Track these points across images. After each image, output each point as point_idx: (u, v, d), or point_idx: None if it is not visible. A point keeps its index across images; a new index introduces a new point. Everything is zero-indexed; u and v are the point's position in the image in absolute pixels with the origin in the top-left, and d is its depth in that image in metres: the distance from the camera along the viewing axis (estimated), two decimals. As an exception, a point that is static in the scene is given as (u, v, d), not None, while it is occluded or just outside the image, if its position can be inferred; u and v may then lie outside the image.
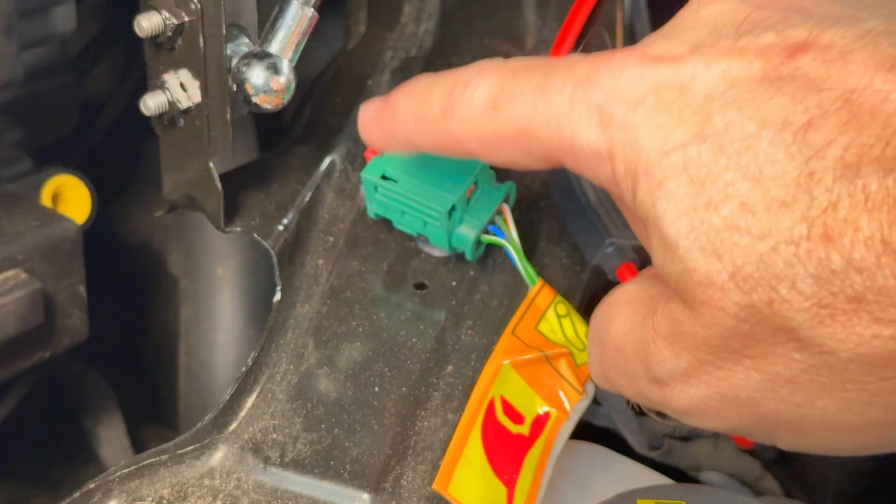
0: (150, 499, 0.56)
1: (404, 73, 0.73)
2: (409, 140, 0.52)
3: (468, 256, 0.62)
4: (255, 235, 0.64)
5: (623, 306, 0.47)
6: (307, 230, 0.65)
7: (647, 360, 0.44)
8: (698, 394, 0.44)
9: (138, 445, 0.87)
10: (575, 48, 0.72)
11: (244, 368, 0.60)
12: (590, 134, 0.44)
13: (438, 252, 0.64)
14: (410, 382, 0.59)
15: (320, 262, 0.64)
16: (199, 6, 0.58)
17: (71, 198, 0.73)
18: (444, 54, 0.74)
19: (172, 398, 0.89)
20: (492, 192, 0.62)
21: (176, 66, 0.60)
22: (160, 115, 0.61)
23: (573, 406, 0.59)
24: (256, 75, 0.59)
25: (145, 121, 0.63)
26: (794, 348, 0.40)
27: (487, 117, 0.48)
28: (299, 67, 0.61)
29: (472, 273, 0.64)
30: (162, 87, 0.61)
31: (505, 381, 0.59)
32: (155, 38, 0.60)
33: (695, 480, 0.69)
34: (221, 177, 0.63)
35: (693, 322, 0.42)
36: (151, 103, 0.60)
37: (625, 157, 0.43)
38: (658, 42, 0.45)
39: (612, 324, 0.47)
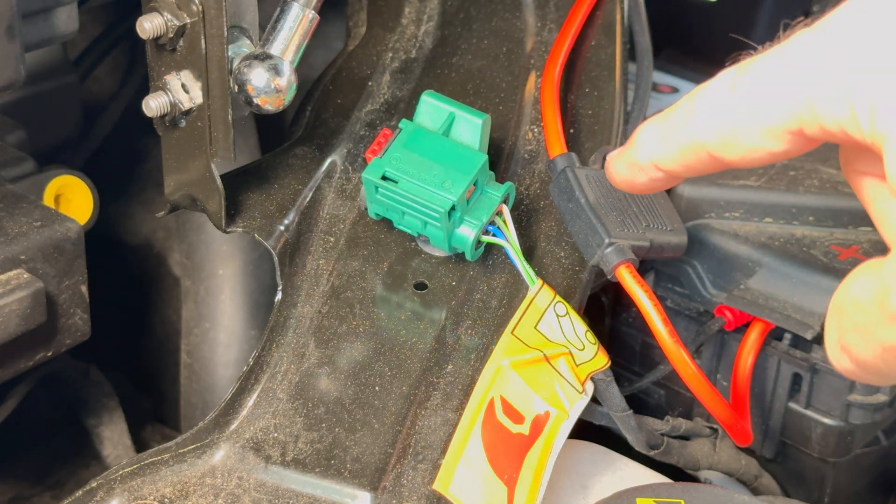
0: (152, 497, 0.56)
1: (404, 73, 0.73)
2: (652, 161, 0.51)
3: (468, 256, 0.63)
4: (256, 235, 0.64)
5: (861, 268, 0.46)
6: (308, 230, 0.65)
7: (884, 299, 0.43)
8: None
9: (140, 444, 0.88)
10: (574, 50, 0.72)
11: (245, 368, 0.60)
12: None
13: (438, 252, 0.65)
14: (411, 382, 0.59)
15: (321, 262, 0.64)
16: (200, 8, 0.58)
17: (73, 198, 0.73)
18: (444, 55, 0.74)
19: (174, 397, 0.90)
20: (491, 193, 0.63)
21: (178, 68, 0.61)
22: (162, 116, 0.61)
23: (573, 405, 0.59)
24: (258, 76, 0.59)
25: (147, 122, 0.63)
26: None
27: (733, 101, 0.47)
28: (300, 69, 0.61)
29: (472, 273, 0.64)
30: (164, 88, 0.61)
31: (505, 380, 0.59)
32: (157, 40, 0.60)
33: (693, 479, 0.70)
34: (223, 177, 0.63)
35: None
36: (153, 104, 0.61)
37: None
38: None
39: (851, 284, 0.45)
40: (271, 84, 0.59)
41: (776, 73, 0.45)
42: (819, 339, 0.68)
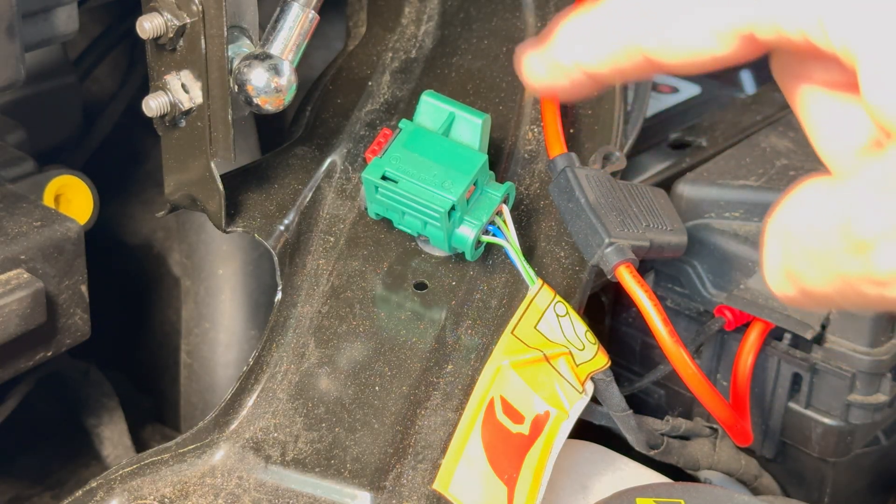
0: (152, 497, 0.56)
1: (404, 73, 0.73)
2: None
3: (468, 256, 0.63)
4: (256, 236, 0.64)
5: (808, 188, 0.41)
6: (308, 230, 0.65)
7: (846, 226, 0.39)
8: None
9: (140, 444, 0.88)
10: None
11: (245, 368, 0.60)
12: None
13: (438, 252, 0.65)
14: (411, 382, 0.59)
15: (321, 261, 0.64)
16: (200, 8, 0.58)
17: (73, 198, 0.73)
18: (444, 55, 0.74)
19: (174, 397, 0.90)
20: (491, 193, 0.63)
21: (178, 68, 0.61)
22: (162, 116, 0.61)
23: (573, 405, 0.59)
24: (258, 76, 0.59)
25: (147, 122, 0.63)
26: None
27: None
28: (300, 68, 0.61)
29: (472, 273, 0.64)
30: (164, 88, 0.61)
31: (505, 380, 0.59)
32: (157, 40, 0.60)
33: (693, 479, 0.70)
34: (223, 177, 0.63)
35: None
36: (153, 104, 0.61)
37: None
38: None
39: (801, 207, 0.41)
40: (271, 84, 0.59)
41: None
42: (819, 339, 0.68)
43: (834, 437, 0.69)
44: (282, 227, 0.65)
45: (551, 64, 0.46)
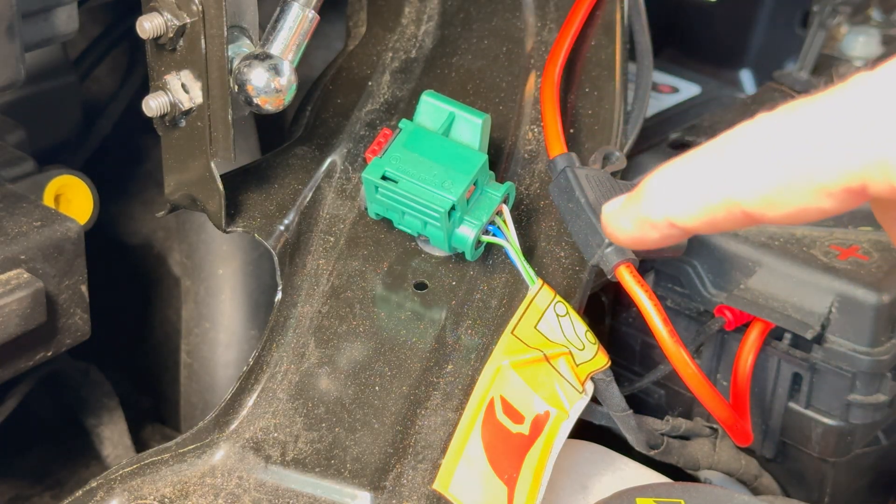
0: (152, 497, 0.56)
1: (404, 73, 0.73)
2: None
3: (468, 256, 0.63)
4: (256, 235, 0.64)
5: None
6: (308, 230, 0.65)
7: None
8: None
9: (140, 444, 0.88)
10: (574, 50, 0.72)
11: (245, 368, 0.60)
12: None
13: (438, 252, 0.65)
14: (411, 382, 0.59)
15: (321, 261, 0.64)
16: (200, 8, 0.58)
17: (73, 198, 0.73)
18: (444, 55, 0.74)
19: (174, 397, 0.90)
20: (491, 193, 0.63)
21: (178, 68, 0.61)
22: (162, 116, 0.61)
23: (573, 405, 0.59)
24: (258, 76, 0.59)
25: (147, 122, 0.63)
26: None
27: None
28: (300, 68, 0.61)
29: (471, 273, 0.64)
30: (164, 88, 0.61)
31: (505, 380, 0.59)
32: (157, 40, 0.60)
33: (693, 479, 0.70)
34: (223, 177, 0.63)
35: None
36: (153, 104, 0.61)
37: None
38: None
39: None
40: (271, 84, 0.59)
41: (838, 123, 0.38)
42: (819, 339, 0.68)
43: (834, 437, 0.69)
44: (282, 227, 0.65)
45: (639, 220, 0.44)
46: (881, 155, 0.37)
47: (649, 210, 0.43)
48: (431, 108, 0.64)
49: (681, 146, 0.83)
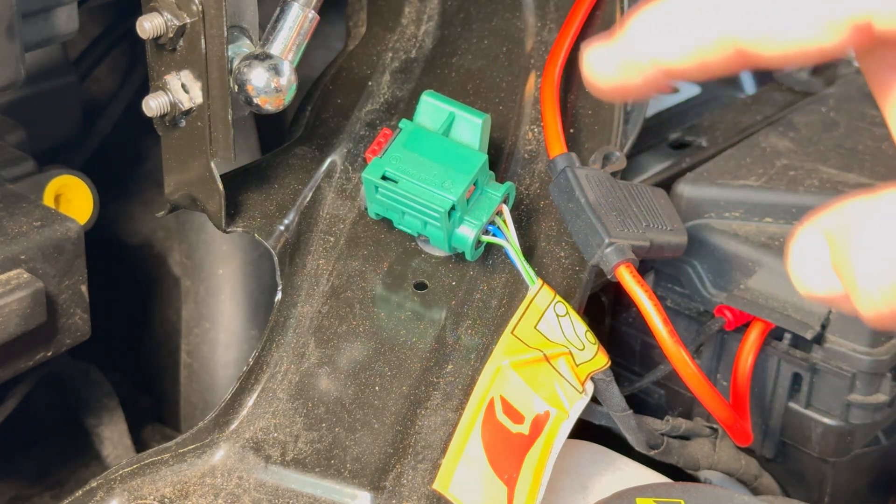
0: (152, 497, 0.56)
1: (404, 73, 0.73)
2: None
3: (468, 256, 0.63)
4: (256, 235, 0.64)
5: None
6: (308, 230, 0.65)
7: None
8: None
9: (140, 444, 0.88)
10: (574, 50, 0.72)
11: (245, 368, 0.60)
12: None
13: (438, 252, 0.65)
14: (411, 382, 0.59)
15: (321, 261, 0.64)
16: (200, 8, 0.58)
17: (73, 198, 0.73)
18: (444, 55, 0.74)
19: (174, 397, 0.90)
20: (491, 193, 0.63)
21: (178, 68, 0.61)
22: (162, 116, 0.61)
23: (573, 405, 0.59)
24: (258, 76, 0.59)
25: (147, 122, 0.63)
26: None
27: None
28: (300, 69, 0.61)
29: (472, 273, 0.64)
30: (164, 88, 0.61)
31: (505, 380, 0.59)
32: (157, 40, 0.60)
33: (693, 479, 0.70)
34: (223, 177, 0.63)
35: None
36: (153, 104, 0.61)
37: None
38: None
39: None
40: (271, 84, 0.59)
41: None
42: (819, 339, 0.68)
43: (834, 437, 0.69)
44: (282, 227, 0.65)
45: (624, 60, 0.40)
46: None
47: (635, 50, 0.40)
48: (431, 108, 0.64)
49: (681, 146, 0.83)
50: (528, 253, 0.65)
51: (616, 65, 0.40)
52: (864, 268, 0.37)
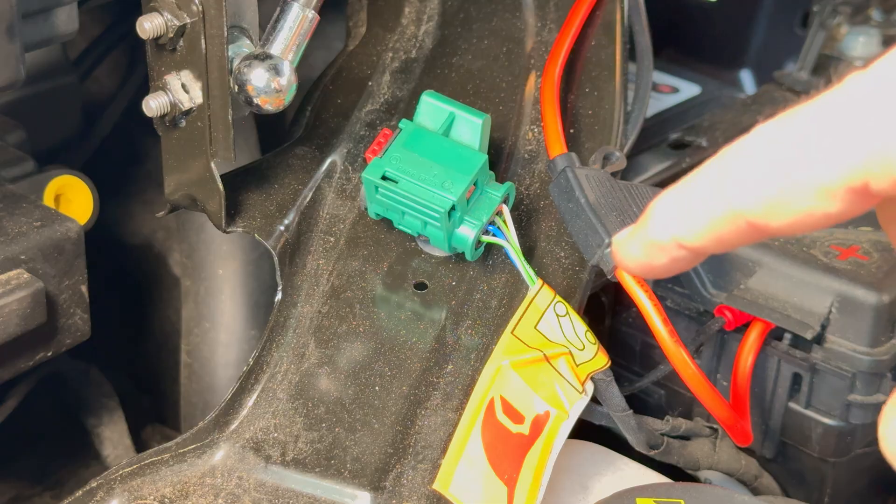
0: (152, 497, 0.56)
1: (404, 73, 0.73)
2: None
3: (468, 256, 0.63)
4: (257, 235, 0.64)
5: None
6: (308, 230, 0.65)
7: None
8: None
9: (140, 444, 0.88)
10: (574, 49, 0.72)
11: (245, 368, 0.60)
12: None
13: (438, 252, 0.65)
14: (411, 382, 0.59)
15: (321, 261, 0.64)
16: (200, 8, 0.58)
17: (73, 198, 0.73)
18: (444, 55, 0.74)
19: (174, 397, 0.90)
20: (491, 193, 0.63)
21: (178, 68, 0.61)
22: (162, 116, 0.61)
23: (573, 405, 0.59)
24: (258, 76, 0.59)
25: (147, 122, 0.63)
26: None
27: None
28: (300, 69, 0.61)
29: (472, 273, 0.64)
30: (164, 88, 0.61)
31: (505, 380, 0.59)
32: (157, 40, 0.60)
33: (693, 479, 0.70)
34: (223, 177, 0.63)
35: None
36: (153, 104, 0.61)
37: None
38: None
39: None
40: (271, 84, 0.59)
41: (835, 122, 0.38)
42: (819, 339, 0.68)
43: (834, 437, 0.69)
44: (282, 227, 0.65)
45: (648, 244, 0.43)
46: (881, 148, 0.37)
47: (656, 232, 0.43)
48: (431, 108, 0.64)
49: (681, 146, 0.83)
50: (528, 253, 0.65)
51: (642, 248, 0.43)
52: None
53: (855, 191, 0.38)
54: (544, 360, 0.60)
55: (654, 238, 0.43)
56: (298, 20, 0.60)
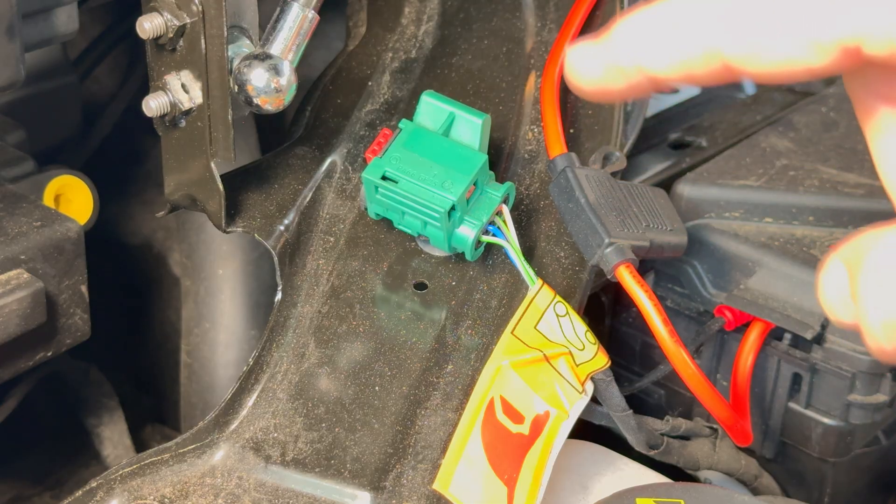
0: (152, 497, 0.56)
1: (404, 73, 0.73)
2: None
3: (468, 256, 0.63)
4: (257, 235, 0.64)
5: None
6: (308, 230, 0.65)
7: None
8: None
9: (140, 444, 0.88)
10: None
11: (245, 368, 0.60)
12: None
13: (438, 252, 0.65)
14: (410, 382, 0.59)
15: (321, 261, 0.64)
16: (200, 8, 0.58)
17: (73, 198, 0.73)
18: (444, 55, 0.74)
19: (174, 397, 0.90)
20: (491, 193, 0.63)
21: (177, 68, 0.61)
22: (162, 116, 0.61)
23: (573, 405, 0.59)
24: (258, 76, 0.59)
25: (147, 122, 0.63)
26: None
27: None
28: (300, 69, 0.61)
29: (472, 273, 0.64)
30: (164, 88, 0.61)
31: (505, 380, 0.59)
32: (157, 40, 0.60)
33: (693, 479, 0.70)
34: (223, 177, 0.63)
35: None
36: (153, 104, 0.61)
37: None
38: None
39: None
40: (271, 84, 0.59)
41: None
42: (819, 339, 0.68)
43: (834, 437, 0.69)
44: (282, 227, 0.65)
45: (608, 64, 0.40)
46: (888, 13, 0.35)
47: (620, 56, 0.39)
48: (431, 108, 0.64)
49: (681, 146, 0.83)
50: (528, 253, 0.65)
51: (600, 67, 0.40)
52: (869, 301, 0.36)
53: (847, 51, 0.36)
54: (544, 360, 0.60)
55: (617, 61, 0.39)
56: (298, 20, 0.60)
